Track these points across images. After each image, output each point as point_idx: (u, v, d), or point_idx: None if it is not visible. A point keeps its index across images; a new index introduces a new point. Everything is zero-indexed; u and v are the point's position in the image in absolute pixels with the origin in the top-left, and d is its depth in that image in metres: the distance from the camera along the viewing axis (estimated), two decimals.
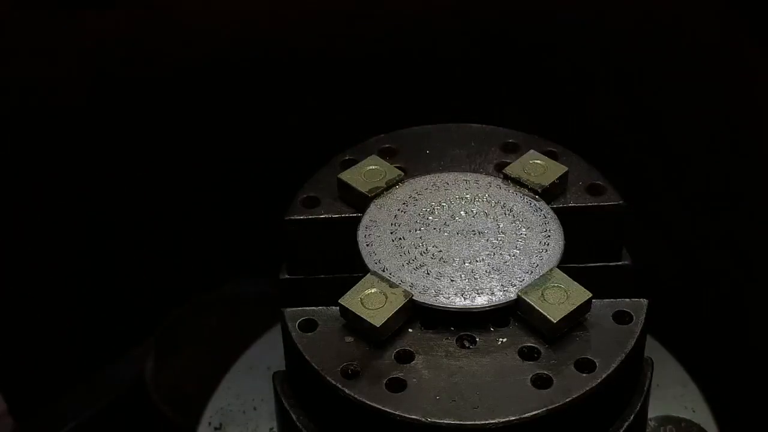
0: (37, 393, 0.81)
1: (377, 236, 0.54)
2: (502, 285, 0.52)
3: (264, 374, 0.66)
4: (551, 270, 0.53)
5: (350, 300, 0.52)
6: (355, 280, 0.55)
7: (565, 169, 0.57)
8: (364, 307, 0.51)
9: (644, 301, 0.53)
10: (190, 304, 0.84)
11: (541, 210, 0.55)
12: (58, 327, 0.82)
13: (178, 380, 0.80)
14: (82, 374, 0.81)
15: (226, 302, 0.84)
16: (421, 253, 0.54)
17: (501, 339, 0.52)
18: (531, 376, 0.50)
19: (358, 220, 0.56)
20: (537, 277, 0.52)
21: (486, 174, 0.58)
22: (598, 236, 0.57)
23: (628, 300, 0.53)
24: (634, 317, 0.52)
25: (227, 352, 0.67)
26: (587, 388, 0.50)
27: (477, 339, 0.52)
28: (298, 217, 0.56)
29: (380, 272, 0.53)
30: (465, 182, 0.57)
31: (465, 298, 0.52)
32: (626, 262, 0.58)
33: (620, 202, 0.56)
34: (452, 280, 0.52)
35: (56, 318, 0.82)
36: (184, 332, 0.83)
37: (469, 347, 0.51)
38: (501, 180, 0.57)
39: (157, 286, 0.83)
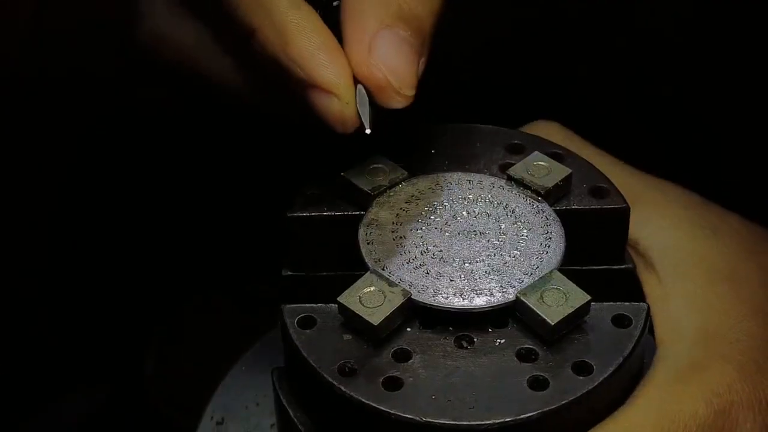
0: (36, 393, 0.81)
1: (378, 235, 0.54)
2: (501, 286, 0.52)
3: (267, 371, 0.65)
4: (551, 272, 0.52)
5: (349, 298, 0.52)
6: (356, 278, 0.55)
7: (569, 171, 0.56)
8: (363, 305, 0.51)
9: (644, 305, 0.53)
10: (190, 304, 0.84)
11: (543, 212, 0.55)
12: (58, 327, 0.82)
13: (178, 380, 0.80)
14: (81, 375, 0.81)
15: (226, 302, 0.84)
16: (421, 253, 0.54)
17: (499, 340, 0.52)
18: (528, 377, 0.50)
19: (360, 218, 0.56)
20: (536, 278, 0.52)
21: (490, 175, 0.57)
22: (601, 239, 0.56)
23: (627, 304, 0.53)
24: (634, 321, 0.52)
25: (227, 352, 0.68)
26: (583, 391, 0.50)
27: (475, 339, 0.52)
28: (301, 214, 0.56)
29: (380, 271, 0.53)
30: (468, 182, 0.57)
31: (463, 299, 0.52)
32: (629, 266, 0.57)
33: (623, 205, 0.56)
34: (451, 280, 0.52)
35: (56, 318, 0.82)
36: (184, 332, 0.83)
37: (466, 347, 0.51)
38: (504, 181, 0.57)
39: (157, 286, 0.83)
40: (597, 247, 0.56)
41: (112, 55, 0.61)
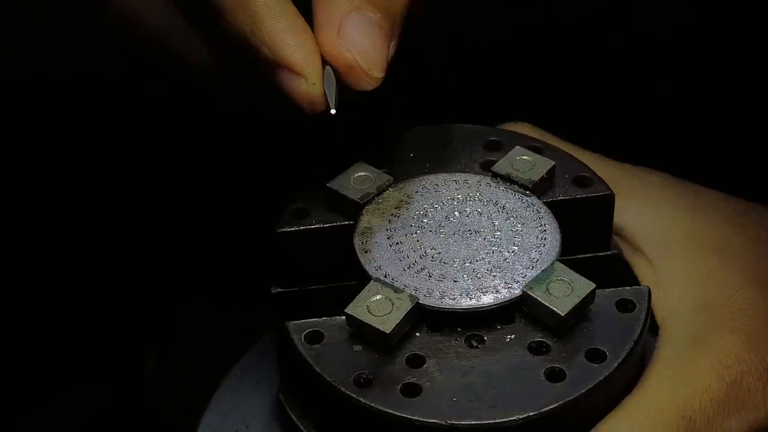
0: (37, 393, 0.80)
1: (374, 242, 0.54)
2: (505, 282, 0.52)
3: (253, 390, 0.65)
4: (552, 264, 0.53)
5: (356, 308, 0.51)
6: (350, 289, 0.55)
7: (553, 163, 0.57)
8: (371, 314, 0.51)
9: (645, 288, 0.54)
10: (190, 304, 0.83)
11: (534, 205, 0.56)
12: (58, 327, 0.81)
13: (177, 380, 0.80)
14: (81, 375, 0.81)
15: (226, 302, 0.83)
16: (420, 257, 0.53)
17: (509, 336, 0.52)
18: (543, 370, 0.50)
19: (349, 228, 0.55)
20: (538, 271, 0.52)
21: (474, 173, 0.58)
22: (588, 227, 0.57)
23: (629, 288, 0.54)
24: (638, 305, 0.53)
25: (227, 353, 0.67)
26: (601, 378, 0.50)
27: (485, 338, 0.52)
28: (290, 229, 0.56)
29: (382, 278, 0.52)
30: (454, 183, 0.57)
31: (471, 298, 0.52)
32: (615, 251, 0.58)
33: (608, 192, 0.57)
34: (455, 281, 0.52)
35: (56, 318, 0.81)
36: (184, 332, 0.82)
37: (477, 347, 0.51)
38: (489, 178, 0.57)
39: (157, 286, 0.82)
40: (584, 235, 0.57)
41: (111, 54, 0.61)
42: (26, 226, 0.76)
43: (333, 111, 0.52)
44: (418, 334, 0.52)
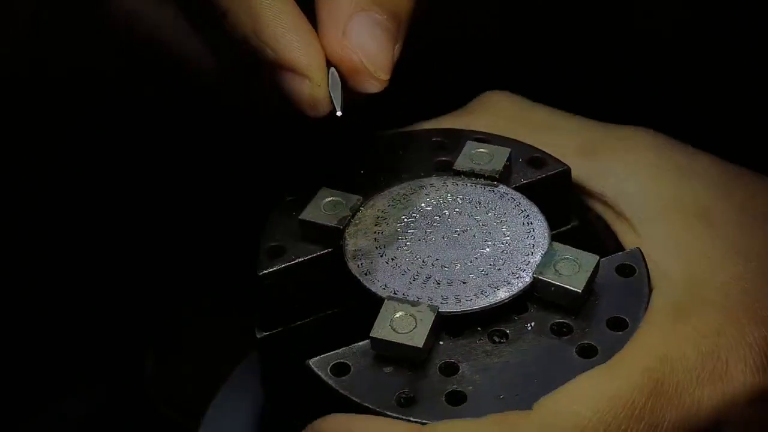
0: (37, 393, 0.79)
1: (370, 263, 0.54)
2: (511, 273, 0.53)
3: None
4: (551, 245, 0.53)
5: (381, 330, 0.51)
6: (337, 316, 0.55)
7: (509, 149, 0.57)
8: (397, 332, 0.50)
9: (636, 250, 0.55)
10: (190, 304, 0.82)
11: (507, 194, 0.56)
12: (58, 327, 0.79)
13: (178, 380, 0.78)
14: (81, 374, 0.80)
15: (226, 302, 0.81)
16: (420, 267, 0.53)
17: (528, 324, 0.52)
18: (574, 349, 0.51)
19: (330, 255, 0.55)
20: (538, 256, 0.53)
21: (435, 176, 0.58)
22: (552, 205, 0.58)
23: (621, 254, 0.55)
24: (637, 268, 0.54)
25: (226, 353, 0.66)
26: None
27: (507, 331, 0.52)
28: (272, 269, 0.54)
29: (393, 296, 0.52)
30: (421, 189, 0.57)
31: (486, 296, 0.52)
32: (575, 223, 0.59)
33: (564, 167, 0.58)
34: (464, 283, 0.52)
35: (56, 318, 0.78)
36: (184, 332, 0.80)
37: (502, 341, 0.52)
38: (452, 178, 0.57)
39: (157, 286, 0.80)
40: (549, 213, 0.57)
41: (111, 54, 0.58)
42: (26, 226, 0.74)
43: (339, 113, 0.51)
44: (441, 342, 0.52)
